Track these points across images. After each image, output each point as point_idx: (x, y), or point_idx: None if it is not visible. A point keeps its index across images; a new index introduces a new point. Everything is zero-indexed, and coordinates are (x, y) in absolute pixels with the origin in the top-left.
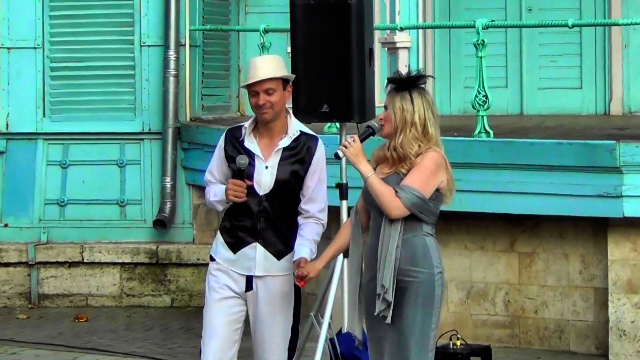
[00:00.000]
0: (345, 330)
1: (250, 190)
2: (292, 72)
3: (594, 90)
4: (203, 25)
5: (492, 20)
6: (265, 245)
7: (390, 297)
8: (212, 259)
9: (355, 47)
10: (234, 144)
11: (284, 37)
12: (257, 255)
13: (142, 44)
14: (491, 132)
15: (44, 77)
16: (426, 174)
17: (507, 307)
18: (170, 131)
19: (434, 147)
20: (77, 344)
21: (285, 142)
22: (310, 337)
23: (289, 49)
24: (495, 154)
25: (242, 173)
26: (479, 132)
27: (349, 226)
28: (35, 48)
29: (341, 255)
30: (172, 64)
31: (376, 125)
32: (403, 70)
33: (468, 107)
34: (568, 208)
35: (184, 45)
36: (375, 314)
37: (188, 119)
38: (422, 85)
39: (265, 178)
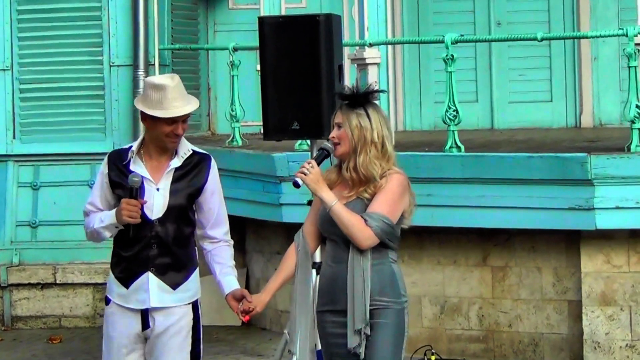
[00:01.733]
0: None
1: (141, 216)
2: (262, 90)
3: (565, 103)
4: (172, 44)
5: (461, 35)
6: (159, 274)
7: (368, 331)
8: (107, 301)
9: (325, 64)
10: (119, 169)
11: (253, 55)
12: (150, 285)
13: (111, 64)
14: (462, 147)
15: (13, 98)
16: (393, 199)
17: (481, 321)
18: None
19: (394, 167)
20: None
21: (176, 162)
22: (285, 354)
23: (258, 67)
24: (466, 168)
25: (135, 192)
26: (450, 147)
27: (293, 255)
28: (4, 70)
29: (314, 272)
30: (141, 84)
31: (329, 146)
32: (365, 84)
33: (439, 122)
34: (540, 221)
35: (154, 64)
36: (349, 348)
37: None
38: (376, 101)
39: (157, 201)
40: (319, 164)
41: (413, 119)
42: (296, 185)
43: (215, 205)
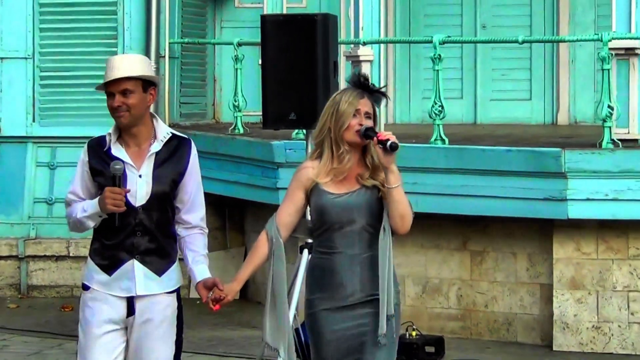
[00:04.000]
0: (267, 343)
1: (125, 203)
2: (263, 83)
3: (543, 102)
4: (182, 38)
5: (449, 36)
6: (144, 262)
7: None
8: (85, 287)
9: (321, 60)
10: (100, 156)
11: (256, 50)
12: (135, 273)
13: None
14: (446, 140)
15: (34, 85)
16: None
17: (460, 301)
18: None
19: None
20: (63, 331)
21: (156, 146)
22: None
23: (260, 61)
24: (449, 159)
25: (117, 180)
26: (435, 140)
27: (264, 244)
28: (26, 58)
29: (306, 251)
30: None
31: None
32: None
33: (425, 116)
34: (516, 210)
35: (164, 56)
36: (380, 334)
37: (167, 125)
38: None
39: (140, 188)
40: None
41: (402, 113)
42: (396, 147)
43: (192, 190)
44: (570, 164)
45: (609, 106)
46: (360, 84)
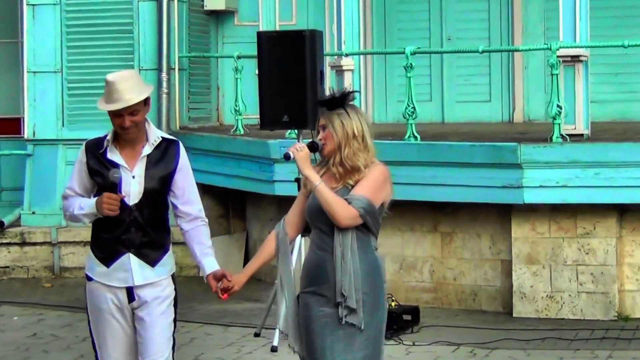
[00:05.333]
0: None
1: (120, 202)
2: (259, 90)
3: (500, 103)
4: (189, 52)
5: (419, 48)
6: (138, 254)
7: (353, 304)
8: (89, 278)
9: (309, 70)
10: (97, 157)
11: (254, 61)
12: (131, 265)
13: (140, 68)
14: (418, 137)
15: (62, 95)
16: (375, 186)
17: (432, 275)
18: None
19: (376, 159)
20: None
21: (148, 149)
22: (275, 300)
23: (257, 71)
24: (421, 153)
25: (115, 186)
26: (409, 137)
27: (272, 242)
28: (55, 72)
29: (299, 236)
30: (164, 84)
31: (320, 143)
32: (340, 90)
33: (400, 117)
34: (480, 197)
35: (174, 69)
36: (341, 318)
37: (178, 128)
38: (352, 102)
39: (133, 188)
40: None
41: (380, 114)
42: (287, 157)
43: (184, 185)
44: (525, 156)
45: (558, 106)
46: (322, 104)
